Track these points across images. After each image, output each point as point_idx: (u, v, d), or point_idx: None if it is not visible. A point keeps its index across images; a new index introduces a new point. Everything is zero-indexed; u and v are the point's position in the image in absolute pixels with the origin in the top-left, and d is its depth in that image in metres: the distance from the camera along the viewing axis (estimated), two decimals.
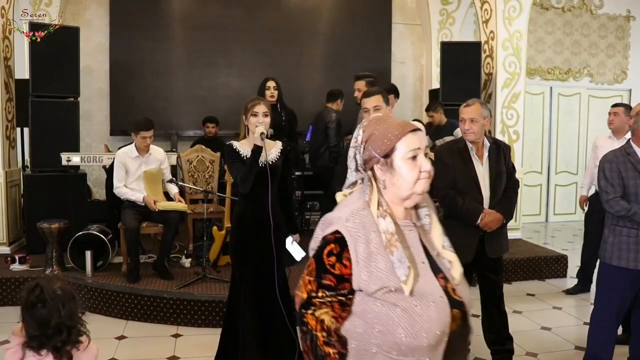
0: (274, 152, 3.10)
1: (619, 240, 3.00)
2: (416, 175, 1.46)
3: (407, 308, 1.38)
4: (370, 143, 1.49)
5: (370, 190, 1.49)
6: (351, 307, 1.43)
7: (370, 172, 1.51)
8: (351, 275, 1.41)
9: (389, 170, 1.47)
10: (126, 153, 4.70)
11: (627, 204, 2.93)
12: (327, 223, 1.49)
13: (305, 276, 1.47)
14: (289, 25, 7.52)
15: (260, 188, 2.98)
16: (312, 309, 1.42)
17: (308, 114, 6.36)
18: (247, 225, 3.06)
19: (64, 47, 5.24)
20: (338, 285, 1.42)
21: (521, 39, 6.20)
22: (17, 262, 4.77)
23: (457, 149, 3.26)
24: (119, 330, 4.03)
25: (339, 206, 1.54)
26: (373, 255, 1.41)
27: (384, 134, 1.48)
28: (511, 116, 6.25)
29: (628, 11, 8.66)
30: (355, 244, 1.41)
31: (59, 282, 1.91)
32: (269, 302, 3.04)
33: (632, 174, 2.97)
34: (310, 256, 1.51)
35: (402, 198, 1.49)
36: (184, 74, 7.26)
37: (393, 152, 1.46)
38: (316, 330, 1.40)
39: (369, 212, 1.46)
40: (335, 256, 1.42)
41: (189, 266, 4.92)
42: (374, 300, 1.40)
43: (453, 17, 7.73)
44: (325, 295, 1.42)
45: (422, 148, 1.48)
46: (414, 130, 1.48)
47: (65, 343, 1.85)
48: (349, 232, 1.42)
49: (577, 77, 8.56)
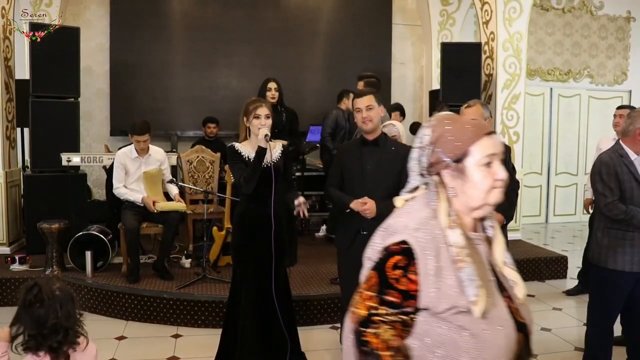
0: (276, 152, 3.11)
1: (614, 244, 2.97)
2: (490, 184, 1.32)
3: (476, 333, 1.24)
4: (440, 145, 1.35)
5: (437, 197, 1.35)
6: (413, 328, 1.28)
7: (436, 177, 1.37)
8: (418, 291, 1.26)
9: (460, 176, 1.33)
10: (126, 154, 4.70)
11: (626, 207, 2.90)
12: (389, 231, 1.34)
13: (363, 290, 1.32)
14: (289, 25, 7.52)
15: (263, 188, 3.00)
16: (374, 327, 1.26)
17: (308, 114, 6.37)
18: (248, 225, 3.07)
19: (64, 48, 5.23)
20: (403, 303, 1.26)
21: (521, 40, 6.20)
22: (17, 263, 4.77)
23: None
24: (119, 331, 4.03)
25: (401, 213, 1.39)
26: (442, 271, 1.26)
27: (456, 136, 1.34)
28: (511, 117, 6.26)
29: (628, 12, 8.66)
30: (424, 257, 1.26)
31: (58, 282, 1.91)
32: (269, 302, 3.04)
33: (627, 177, 2.93)
34: (369, 268, 1.36)
35: (473, 208, 1.35)
36: (184, 75, 7.26)
37: (466, 157, 1.32)
38: (381, 350, 1.24)
39: (437, 223, 1.32)
40: (401, 269, 1.27)
41: (189, 266, 4.92)
42: (439, 322, 1.26)
43: (453, 18, 7.73)
44: (387, 313, 1.26)
45: (497, 154, 1.34)
46: (489, 133, 1.35)
47: (62, 344, 1.85)
48: (419, 243, 1.27)
49: (577, 78, 8.57)
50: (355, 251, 3.22)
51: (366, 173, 3.14)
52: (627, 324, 3.22)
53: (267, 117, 3.00)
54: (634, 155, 2.99)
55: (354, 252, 3.23)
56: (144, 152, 4.71)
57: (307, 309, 4.17)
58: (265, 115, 2.99)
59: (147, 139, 4.63)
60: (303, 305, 4.14)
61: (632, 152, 2.99)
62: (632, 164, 2.96)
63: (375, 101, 3.12)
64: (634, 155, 2.99)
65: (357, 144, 3.26)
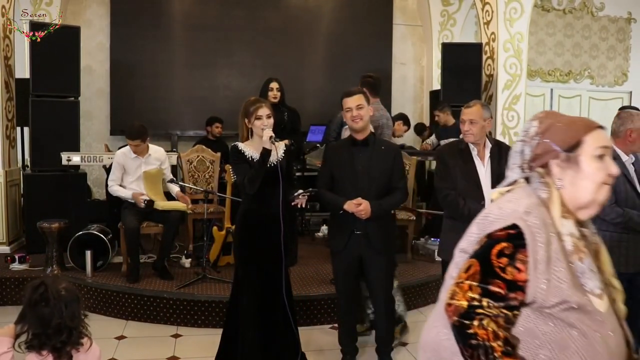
0: (280, 151, 3.11)
1: (609, 245, 2.96)
2: (603, 178, 1.25)
3: (587, 333, 1.14)
4: (550, 135, 1.28)
5: (547, 187, 1.27)
6: (514, 326, 1.18)
7: (541, 169, 1.30)
8: (527, 282, 1.16)
9: (571, 167, 1.26)
10: (125, 154, 4.69)
11: (622, 210, 2.91)
12: (489, 220, 1.26)
13: (463, 280, 1.21)
14: (290, 25, 7.52)
15: (267, 188, 3.00)
16: (478, 320, 1.17)
17: (309, 114, 6.36)
18: (252, 224, 3.06)
19: (65, 47, 5.22)
20: (508, 294, 1.17)
21: (522, 40, 6.19)
22: (17, 262, 4.76)
23: (459, 149, 3.26)
24: (119, 330, 4.02)
25: (502, 202, 1.30)
26: (552, 262, 1.16)
27: (568, 126, 1.28)
28: (512, 118, 6.25)
29: (629, 13, 8.66)
30: (535, 243, 1.16)
31: (65, 282, 1.91)
32: (272, 302, 3.03)
33: (621, 179, 2.92)
34: (469, 257, 1.26)
35: (580, 205, 1.26)
36: (184, 74, 7.26)
37: (579, 147, 1.26)
38: (490, 341, 1.14)
39: (546, 210, 1.23)
40: (507, 257, 1.17)
41: (189, 266, 4.91)
42: (546, 319, 1.16)
43: (454, 19, 7.73)
44: (490, 306, 1.17)
45: (609, 148, 1.29)
46: (600, 127, 1.30)
47: (65, 344, 1.84)
48: (530, 228, 1.17)
49: (578, 79, 8.57)
50: (349, 251, 3.24)
51: (357, 173, 3.19)
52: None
53: (269, 117, 3.00)
54: (625, 157, 3.01)
55: (348, 252, 3.24)
56: (144, 152, 4.70)
57: (307, 309, 4.16)
58: (266, 116, 2.99)
59: (139, 145, 4.56)
60: (303, 306, 4.13)
61: (623, 153, 3.01)
62: (624, 166, 2.96)
63: (364, 100, 3.19)
64: (625, 157, 3.01)
65: (347, 144, 3.31)
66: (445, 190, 3.20)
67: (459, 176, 3.19)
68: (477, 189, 3.16)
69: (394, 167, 3.25)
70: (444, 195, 3.20)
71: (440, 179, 3.28)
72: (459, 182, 3.18)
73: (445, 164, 3.25)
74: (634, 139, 3.02)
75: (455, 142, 3.45)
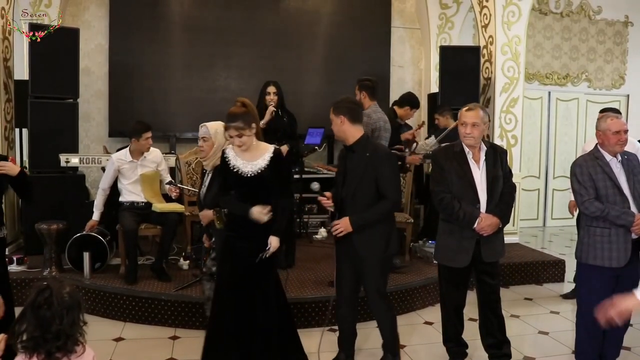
0: (261, 162, 3.06)
1: (593, 240, 3.16)
2: None
3: None
4: None
5: None
6: None
7: None
8: None
9: None
10: (121, 159, 4.71)
11: (602, 205, 3.08)
12: None
13: None
14: (288, 28, 7.53)
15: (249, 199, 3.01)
16: None
17: (307, 117, 6.37)
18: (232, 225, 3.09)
19: (64, 48, 5.24)
20: None
21: (520, 43, 6.22)
22: (15, 263, 4.77)
23: (454, 152, 3.27)
24: (117, 332, 4.03)
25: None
26: None
27: None
28: (509, 121, 6.27)
29: (626, 17, 8.70)
30: None
31: (69, 287, 1.89)
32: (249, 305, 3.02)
33: (601, 176, 3.12)
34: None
35: None
36: (183, 76, 7.26)
37: None
38: None
39: None
40: None
41: (187, 268, 4.91)
42: None
43: (452, 22, 7.75)
44: None
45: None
46: None
47: (58, 349, 1.84)
48: None
49: (576, 82, 8.59)
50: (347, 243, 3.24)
51: (345, 178, 3.25)
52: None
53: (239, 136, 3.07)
54: (609, 157, 3.17)
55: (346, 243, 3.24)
56: (139, 155, 4.71)
57: (305, 312, 4.17)
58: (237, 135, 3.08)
59: (151, 136, 4.70)
60: (301, 308, 4.14)
61: (607, 154, 3.17)
62: (608, 165, 3.14)
63: (333, 114, 3.25)
64: (609, 157, 3.17)
65: (345, 150, 3.35)
66: (441, 193, 3.21)
67: (454, 179, 3.21)
68: (473, 192, 3.18)
69: (379, 174, 3.14)
70: (439, 198, 3.22)
71: (435, 182, 3.29)
72: (454, 185, 3.20)
73: (441, 167, 3.27)
74: (602, 141, 3.20)
75: (449, 145, 3.46)
